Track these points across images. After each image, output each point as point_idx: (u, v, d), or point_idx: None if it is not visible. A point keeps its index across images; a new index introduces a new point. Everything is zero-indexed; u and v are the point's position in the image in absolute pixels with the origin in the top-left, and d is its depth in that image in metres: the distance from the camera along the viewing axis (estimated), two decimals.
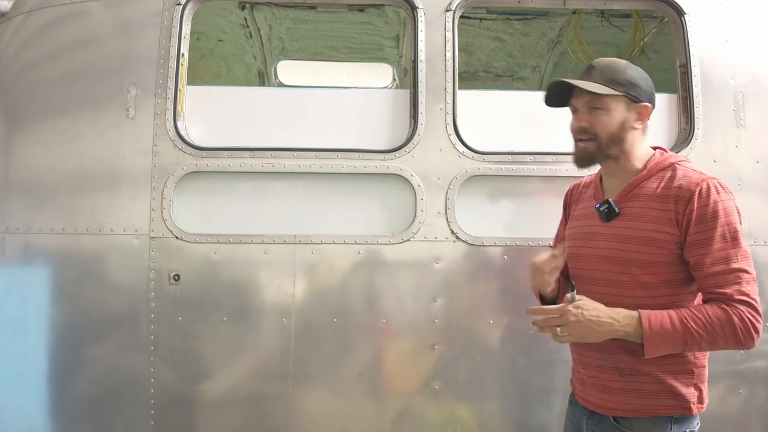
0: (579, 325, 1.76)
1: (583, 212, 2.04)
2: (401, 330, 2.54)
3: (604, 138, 1.89)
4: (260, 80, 4.56)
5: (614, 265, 1.86)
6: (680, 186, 1.82)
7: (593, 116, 1.89)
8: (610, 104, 1.88)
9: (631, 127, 1.90)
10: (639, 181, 1.90)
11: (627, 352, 1.82)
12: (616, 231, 1.88)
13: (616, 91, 1.86)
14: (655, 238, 1.81)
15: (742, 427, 2.54)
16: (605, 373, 1.88)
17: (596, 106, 1.88)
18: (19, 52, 2.73)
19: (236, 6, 3.70)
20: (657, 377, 1.81)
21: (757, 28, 2.75)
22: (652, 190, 1.86)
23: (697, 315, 1.73)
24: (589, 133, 1.90)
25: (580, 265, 1.97)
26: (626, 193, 1.91)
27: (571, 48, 3.88)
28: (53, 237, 2.52)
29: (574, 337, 1.79)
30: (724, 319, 1.71)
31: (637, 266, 1.83)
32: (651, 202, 1.85)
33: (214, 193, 2.60)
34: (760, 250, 2.57)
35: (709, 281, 1.76)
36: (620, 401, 1.85)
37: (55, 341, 2.52)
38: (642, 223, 1.84)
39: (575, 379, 2.04)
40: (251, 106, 2.71)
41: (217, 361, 2.52)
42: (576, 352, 2.01)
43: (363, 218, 2.60)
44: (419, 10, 2.67)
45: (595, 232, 1.95)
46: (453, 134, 2.60)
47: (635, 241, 1.83)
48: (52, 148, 2.58)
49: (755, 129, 2.65)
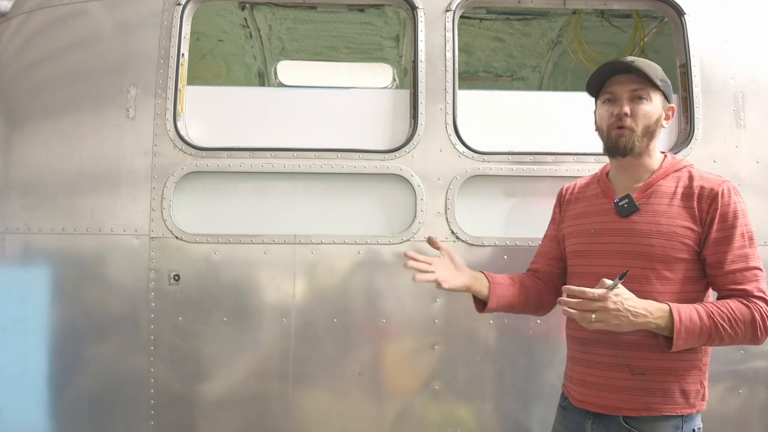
0: (616, 313, 1.71)
1: (589, 210, 2.03)
2: (401, 330, 2.54)
3: (641, 128, 1.90)
4: (260, 80, 4.56)
5: (636, 260, 1.86)
6: (702, 186, 1.87)
7: (636, 104, 1.90)
8: (653, 96, 1.91)
9: (661, 125, 1.94)
10: (658, 179, 1.93)
11: (640, 349, 1.83)
12: (635, 226, 1.89)
13: (661, 86, 1.90)
14: (679, 234, 1.84)
15: (742, 427, 2.54)
16: (615, 371, 1.86)
17: (641, 96, 1.90)
18: (19, 52, 2.73)
19: (236, 6, 3.70)
20: (669, 375, 1.83)
21: (757, 28, 2.75)
22: (672, 188, 1.90)
23: (722, 310, 1.76)
24: (629, 121, 1.90)
25: (593, 262, 1.95)
26: (645, 189, 1.93)
27: (571, 48, 3.88)
28: (53, 237, 2.52)
29: (606, 324, 1.73)
30: (746, 314, 1.76)
31: (660, 261, 1.84)
32: (673, 200, 1.88)
33: (214, 193, 2.60)
34: (760, 250, 2.56)
35: (730, 278, 1.81)
36: (630, 400, 1.83)
37: (55, 341, 2.52)
38: (665, 219, 1.86)
39: (572, 381, 1.98)
40: (251, 106, 2.71)
41: (217, 361, 2.52)
42: (580, 350, 1.96)
43: (363, 218, 2.60)
44: (419, 10, 2.67)
45: (609, 228, 1.94)
46: (453, 134, 2.60)
47: (659, 236, 1.85)
48: (52, 148, 2.58)
49: (755, 129, 2.65)
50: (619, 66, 1.93)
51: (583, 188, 2.13)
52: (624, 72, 1.92)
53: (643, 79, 1.89)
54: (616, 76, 1.93)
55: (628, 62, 1.91)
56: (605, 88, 1.96)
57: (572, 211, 2.10)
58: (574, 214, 2.09)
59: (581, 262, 2.00)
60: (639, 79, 1.89)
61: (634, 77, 1.90)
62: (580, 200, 2.10)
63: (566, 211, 2.15)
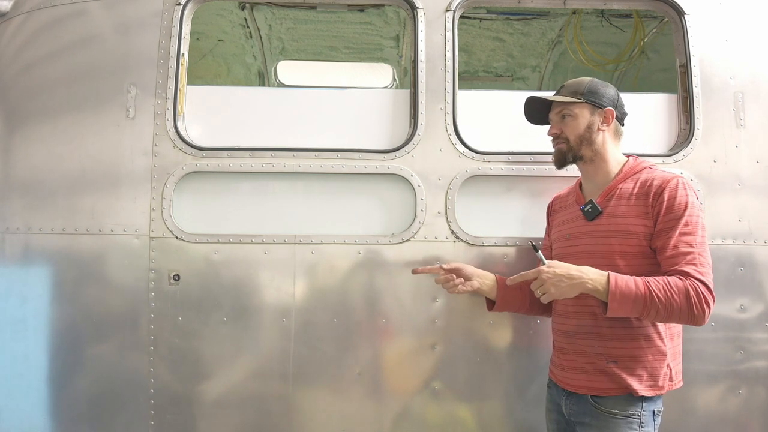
0: (552, 281, 1.97)
1: (567, 217, 2.30)
2: (401, 330, 2.54)
3: (572, 139, 2.22)
4: (260, 80, 4.56)
5: (599, 259, 2.08)
6: (653, 183, 2.09)
7: (563, 122, 2.25)
8: (575, 111, 2.21)
9: (598, 129, 2.21)
10: (618, 182, 2.17)
11: (614, 339, 2.07)
12: (599, 228, 2.14)
13: (577, 99, 2.20)
14: (634, 231, 2.06)
15: (742, 427, 2.54)
16: (593, 358, 2.10)
17: (565, 114, 2.24)
18: (19, 52, 2.73)
19: (236, 6, 3.70)
20: (636, 361, 2.04)
21: (757, 28, 2.75)
22: (630, 189, 2.13)
23: (658, 280, 1.95)
24: (561, 137, 2.24)
25: (569, 262, 2.10)
26: (607, 193, 2.17)
27: (571, 48, 3.89)
28: (53, 237, 2.52)
29: (550, 294, 1.99)
30: (681, 287, 1.92)
31: (619, 258, 2.07)
32: (630, 200, 2.11)
33: (214, 193, 2.60)
34: (760, 250, 2.57)
35: (671, 261, 1.99)
36: (598, 381, 2.07)
37: (55, 341, 2.52)
38: (623, 219, 2.10)
39: (556, 366, 2.26)
40: (251, 106, 2.70)
41: (217, 361, 2.52)
42: (565, 341, 2.21)
43: (363, 218, 2.60)
44: (419, 10, 2.67)
45: (580, 231, 2.21)
46: (453, 134, 2.60)
47: (617, 235, 2.09)
48: (52, 148, 2.58)
49: (755, 129, 2.65)
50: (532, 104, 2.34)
51: (565, 198, 2.40)
52: (546, 108, 2.31)
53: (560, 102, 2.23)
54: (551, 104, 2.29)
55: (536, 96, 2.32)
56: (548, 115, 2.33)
57: (557, 219, 2.37)
58: (558, 222, 2.36)
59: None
60: (559, 102, 2.24)
61: (556, 102, 2.25)
62: (563, 209, 2.37)
63: (553, 220, 2.42)
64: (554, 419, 2.28)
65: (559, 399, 2.23)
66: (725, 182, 2.60)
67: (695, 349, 2.48)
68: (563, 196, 2.42)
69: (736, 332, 2.54)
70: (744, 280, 2.55)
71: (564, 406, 2.19)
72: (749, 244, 2.57)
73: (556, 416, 2.27)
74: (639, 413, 2.02)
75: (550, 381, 2.32)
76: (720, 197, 2.58)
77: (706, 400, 2.53)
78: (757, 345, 2.55)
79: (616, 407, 2.03)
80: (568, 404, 2.17)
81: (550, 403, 2.31)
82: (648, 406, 2.04)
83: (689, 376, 2.15)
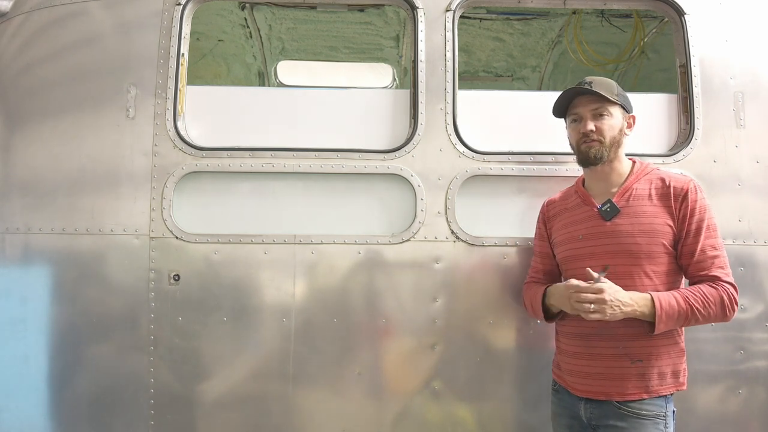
0: (611, 304, 1.97)
1: (576, 218, 2.25)
2: (401, 330, 2.54)
3: (608, 139, 2.17)
4: (260, 80, 4.56)
5: (622, 259, 2.09)
6: (670, 184, 2.13)
7: (600, 121, 2.17)
8: (612, 111, 2.18)
9: (624, 134, 2.22)
10: (633, 182, 2.18)
11: (637, 338, 2.06)
12: (620, 228, 2.12)
13: (616, 99, 2.16)
14: (661, 230, 2.08)
15: (742, 427, 2.54)
16: (615, 360, 2.08)
17: (602, 113, 2.17)
18: (19, 52, 2.73)
19: (236, 6, 3.70)
20: (661, 358, 2.06)
21: (757, 28, 2.75)
22: (646, 190, 2.15)
23: (696, 293, 2.02)
24: (596, 136, 2.16)
25: (583, 264, 2.13)
26: (623, 193, 2.17)
27: (571, 48, 3.89)
28: (53, 237, 2.52)
29: (602, 315, 1.98)
30: (716, 296, 2.02)
31: (646, 257, 2.08)
32: (650, 200, 2.13)
33: (214, 193, 2.60)
34: (761, 250, 2.58)
35: (700, 266, 2.07)
36: (624, 386, 2.05)
37: (55, 341, 2.52)
38: (646, 218, 2.10)
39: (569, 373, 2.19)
40: (251, 106, 2.70)
41: (217, 361, 2.52)
42: (581, 345, 2.16)
43: (363, 218, 2.60)
44: (419, 10, 2.67)
45: (596, 232, 2.16)
46: (453, 134, 2.60)
47: (643, 235, 2.09)
48: (52, 148, 2.58)
49: (755, 129, 2.65)
50: (579, 89, 2.19)
51: (563, 201, 2.35)
52: (583, 94, 2.19)
53: (600, 98, 2.15)
54: (578, 98, 2.21)
55: (585, 85, 2.18)
56: (570, 110, 2.25)
57: (559, 223, 2.32)
58: (561, 225, 2.30)
59: (573, 265, 2.21)
60: (597, 99, 2.16)
61: (592, 97, 2.17)
62: (564, 212, 2.32)
63: (552, 224, 2.36)
64: (565, 424, 2.22)
65: (573, 404, 2.17)
66: (725, 182, 2.61)
67: (695, 349, 2.48)
68: (558, 199, 2.38)
69: (736, 332, 2.54)
70: (744, 280, 2.54)
71: (582, 411, 2.14)
72: (749, 244, 2.58)
73: (568, 421, 2.21)
74: (664, 414, 2.04)
75: (558, 386, 2.26)
76: (720, 197, 2.58)
77: (706, 400, 2.53)
78: (757, 345, 2.56)
79: (642, 408, 2.03)
80: (587, 409, 2.12)
81: (560, 408, 2.25)
82: (669, 405, 2.06)
83: (689, 376, 2.15)
